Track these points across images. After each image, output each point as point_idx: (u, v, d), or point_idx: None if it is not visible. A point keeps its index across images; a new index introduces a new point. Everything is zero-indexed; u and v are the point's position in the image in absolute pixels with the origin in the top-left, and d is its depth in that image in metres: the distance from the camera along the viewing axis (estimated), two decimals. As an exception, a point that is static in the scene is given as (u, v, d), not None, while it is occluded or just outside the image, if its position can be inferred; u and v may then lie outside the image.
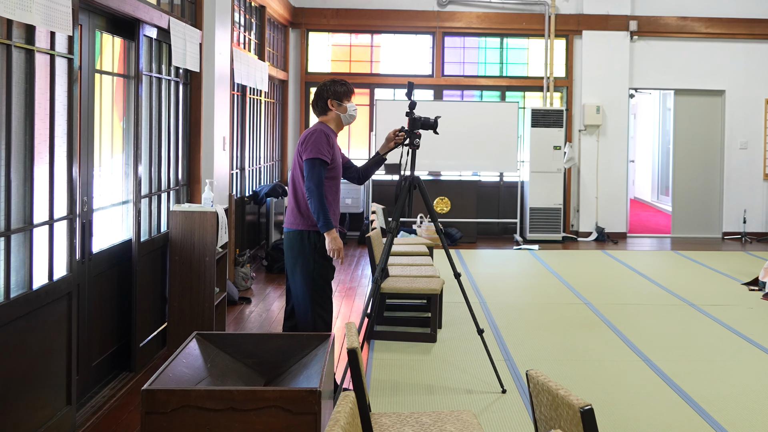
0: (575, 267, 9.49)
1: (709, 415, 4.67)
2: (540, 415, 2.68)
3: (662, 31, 11.78)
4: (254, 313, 7.04)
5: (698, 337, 6.43)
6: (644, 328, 6.66)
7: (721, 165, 12.00)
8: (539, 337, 6.34)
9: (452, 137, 10.89)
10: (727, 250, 10.91)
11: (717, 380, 5.36)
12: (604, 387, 5.17)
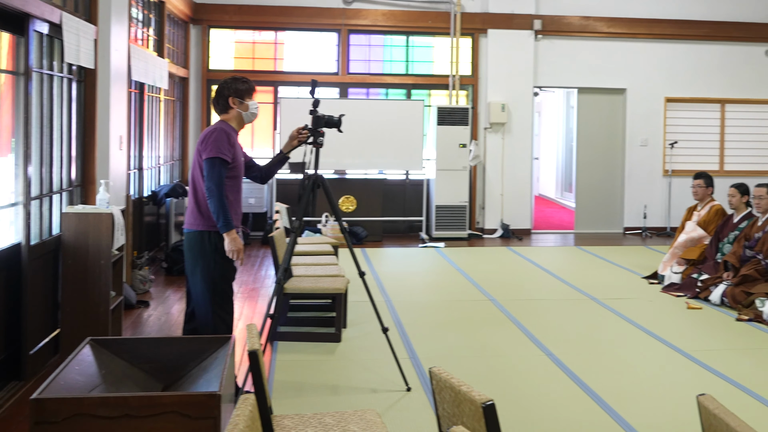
0: (481, 264, 9.67)
1: (610, 407, 4.84)
2: (443, 412, 2.73)
3: (566, 30, 12.10)
4: (153, 317, 6.92)
5: (600, 331, 6.65)
6: (548, 323, 6.85)
7: (622, 162, 12.41)
8: (444, 335, 6.44)
9: (358, 135, 10.93)
10: (628, 245, 11.32)
11: (618, 372, 5.55)
12: (508, 382, 5.29)
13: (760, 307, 6.97)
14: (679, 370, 5.63)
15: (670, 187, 12.27)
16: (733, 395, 5.09)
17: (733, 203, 8.28)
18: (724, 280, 7.66)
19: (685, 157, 12.42)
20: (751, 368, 5.67)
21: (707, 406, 2.52)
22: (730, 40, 12.46)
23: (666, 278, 8.31)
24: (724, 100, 12.58)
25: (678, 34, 12.30)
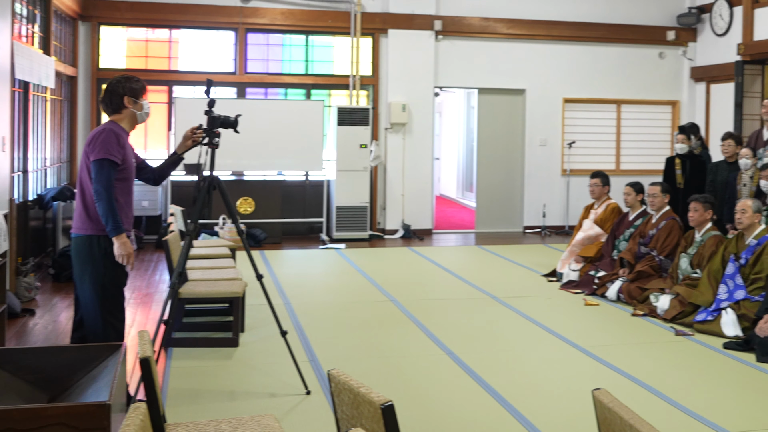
0: (382, 265, 9.75)
1: (509, 403, 4.95)
2: (342, 415, 2.74)
3: (466, 31, 12.31)
4: (39, 326, 6.70)
5: (500, 329, 6.80)
6: (449, 322, 6.95)
7: (521, 161, 12.71)
8: (345, 336, 6.46)
9: (256, 136, 10.85)
10: (528, 244, 11.60)
11: (517, 369, 5.69)
12: (409, 382, 5.35)
13: (655, 302, 7.25)
14: (576, 366, 5.81)
15: (568, 186, 12.64)
16: (628, 388, 5.28)
17: (628, 201, 8.59)
18: (620, 276, 7.94)
19: (582, 157, 12.81)
20: (645, 362, 5.89)
21: (602, 400, 2.61)
22: (626, 42, 12.92)
23: (564, 276, 8.55)
24: (620, 100, 13.04)
25: (576, 36, 12.68)
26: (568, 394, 5.17)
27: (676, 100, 13.14)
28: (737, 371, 5.73)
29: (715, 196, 8.49)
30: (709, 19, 12.62)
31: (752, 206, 6.94)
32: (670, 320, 6.97)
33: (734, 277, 6.76)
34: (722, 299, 6.70)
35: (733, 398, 5.17)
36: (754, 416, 4.84)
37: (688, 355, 6.10)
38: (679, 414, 4.85)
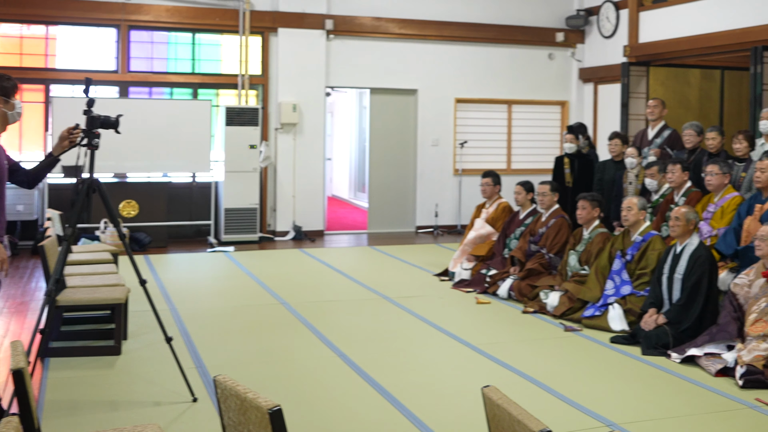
0: (272, 267, 9.68)
1: (401, 403, 4.99)
2: (228, 421, 2.70)
3: (358, 30, 12.35)
4: None
5: (392, 329, 6.85)
6: (340, 324, 6.96)
7: (414, 161, 12.85)
8: (234, 341, 6.38)
9: (140, 137, 10.60)
10: (420, 243, 11.74)
11: (409, 369, 5.74)
12: (299, 386, 5.33)
13: (544, 299, 7.45)
14: (468, 364, 5.91)
15: (460, 186, 12.85)
16: (519, 385, 5.40)
17: (519, 200, 8.80)
18: (510, 274, 8.13)
19: (474, 157, 13.05)
20: (536, 358, 6.05)
21: (491, 397, 2.66)
22: (516, 43, 13.23)
23: (456, 275, 8.68)
24: (511, 101, 13.35)
25: (467, 37, 12.90)
26: (460, 392, 5.25)
27: (565, 100, 13.55)
28: (624, 364, 5.95)
29: (603, 194, 8.79)
30: (596, 22, 13.06)
31: (637, 204, 7.21)
32: (559, 316, 7.18)
33: (620, 272, 7.01)
34: (609, 295, 6.95)
35: (620, 391, 5.36)
36: (640, 407, 5.03)
37: (576, 350, 6.29)
38: (568, 408, 4.99)
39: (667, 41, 11.18)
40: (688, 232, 6.52)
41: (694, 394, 5.29)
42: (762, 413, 4.96)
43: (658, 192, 8.11)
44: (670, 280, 6.46)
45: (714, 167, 7.40)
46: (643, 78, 11.62)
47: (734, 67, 11.58)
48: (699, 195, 7.66)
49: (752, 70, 9.37)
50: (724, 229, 7.10)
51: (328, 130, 14.11)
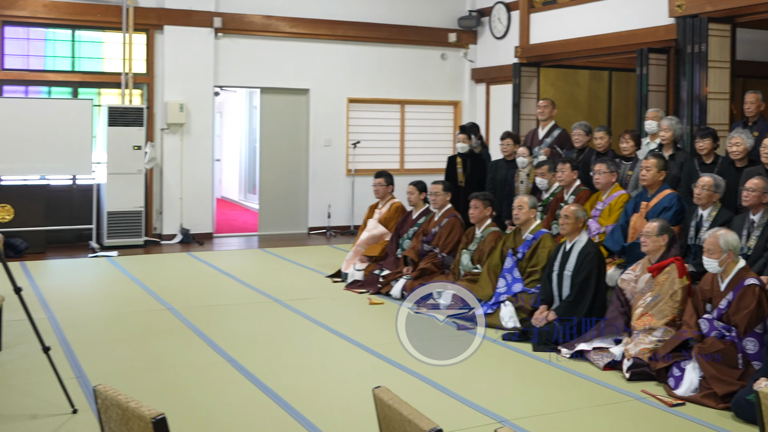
0: (158, 272, 9.49)
1: (293, 407, 4.96)
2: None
3: (248, 29, 12.23)
4: None
5: (284, 333, 6.81)
6: (231, 328, 6.87)
7: (306, 162, 12.80)
8: (117, 350, 6.22)
9: (15, 138, 10.20)
10: (313, 245, 11.71)
11: (300, 372, 5.72)
12: (187, 393, 5.24)
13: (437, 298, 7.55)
14: (361, 365, 5.93)
15: (353, 186, 12.89)
16: (412, 385, 5.45)
17: (411, 200, 8.89)
18: (404, 274, 8.20)
19: (367, 157, 13.10)
20: (428, 358, 6.12)
21: (382, 397, 2.68)
22: (409, 43, 13.35)
23: (349, 276, 8.70)
24: (404, 101, 13.47)
25: (359, 36, 12.95)
26: (351, 393, 5.26)
27: (458, 100, 13.76)
28: (515, 361, 6.08)
29: (495, 193, 8.98)
30: (488, 23, 13.31)
31: (528, 202, 7.39)
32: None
33: (512, 270, 7.17)
34: (501, 292, 7.09)
35: (512, 387, 5.49)
36: (530, 403, 5.15)
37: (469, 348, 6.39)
38: (460, 406, 5.07)
39: (557, 43, 11.49)
40: (577, 230, 6.71)
41: (583, 387, 5.46)
42: (648, 404, 5.15)
43: (549, 191, 8.32)
44: (560, 277, 6.65)
45: (602, 166, 7.65)
46: (533, 78, 11.91)
47: (621, 68, 12.00)
48: (588, 193, 7.90)
49: (638, 71, 9.71)
50: (611, 226, 7.35)
51: (216, 130, 13.93)
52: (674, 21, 9.50)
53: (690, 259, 6.53)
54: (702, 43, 9.10)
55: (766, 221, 6.21)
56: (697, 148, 7.44)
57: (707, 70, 9.05)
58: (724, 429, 4.73)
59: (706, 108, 9.01)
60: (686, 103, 9.16)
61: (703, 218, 6.65)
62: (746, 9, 8.79)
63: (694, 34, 9.18)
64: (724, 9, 8.92)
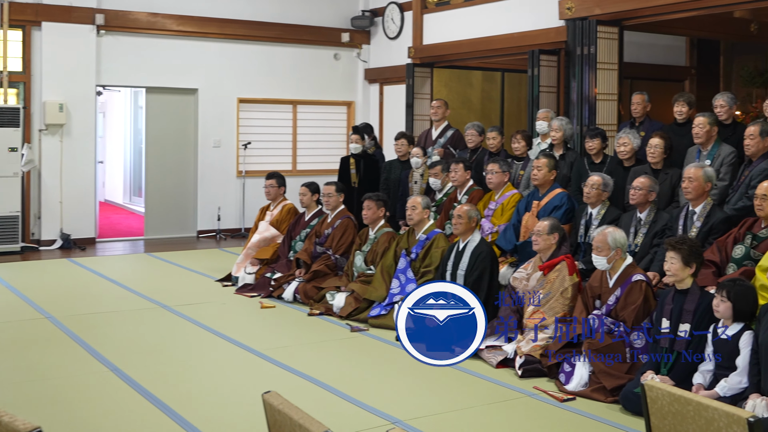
0: (36, 279, 9.19)
1: (181, 416, 4.88)
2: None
3: (132, 26, 11.95)
4: None
5: (172, 340, 6.68)
6: (115, 337, 6.71)
7: (195, 164, 12.61)
8: (-9, 360, 6.01)
9: None
10: (202, 249, 11.54)
11: (189, 380, 5.63)
12: (67, 405, 5.09)
13: (331, 300, 7.55)
14: (251, 370, 5.88)
15: (244, 188, 12.76)
16: (305, 388, 5.44)
17: (304, 202, 8.87)
18: (296, 277, 8.16)
19: (258, 158, 13.00)
20: (322, 360, 6.12)
21: (272, 402, 2.67)
22: (302, 42, 13.32)
23: (240, 279, 8.62)
24: (296, 101, 13.42)
25: (250, 35, 12.84)
26: (241, 399, 5.21)
27: (351, 100, 13.80)
28: (409, 361, 6.06)
29: (389, 194, 9.05)
30: (381, 23, 13.40)
31: (422, 203, 7.47)
32: (345, 317, 7.30)
33: (406, 271, 7.24)
34: (395, 293, 7.15)
35: (406, 387, 5.53)
36: (424, 403, 5.21)
37: (363, 350, 6.43)
38: (354, 408, 5.09)
39: (450, 43, 11.66)
40: (470, 230, 6.83)
41: (476, 386, 5.56)
42: (540, 400, 5.29)
43: (442, 191, 8.44)
44: (454, 277, 6.75)
45: (494, 166, 7.82)
46: (427, 79, 12.06)
47: (514, 69, 12.28)
48: (481, 193, 8.06)
49: (530, 72, 9.95)
50: (504, 225, 7.52)
51: (99, 131, 13.61)
52: (564, 23, 9.77)
53: (580, 256, 6.75)
54: (591, 46, 9.38)
55: (652, 219, 6.47)
56: (587, 148, 7.69)
57: (596, 71, 9.34)
58: (613, 422, 4.90)
59: (595, 109, 9.31)
60: (576, 104, 9.44)
61: (592, 216, 6.87)
62: (633, 12, 9.12)
63: (583, 36, 9.46)
64: (612, 12, 9.23)
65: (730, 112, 7.40)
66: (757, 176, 6.19)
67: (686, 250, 5.09)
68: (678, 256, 5.09)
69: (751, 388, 4.54)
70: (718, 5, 8.50)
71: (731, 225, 6.01)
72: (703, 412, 2.97)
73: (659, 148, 6.94)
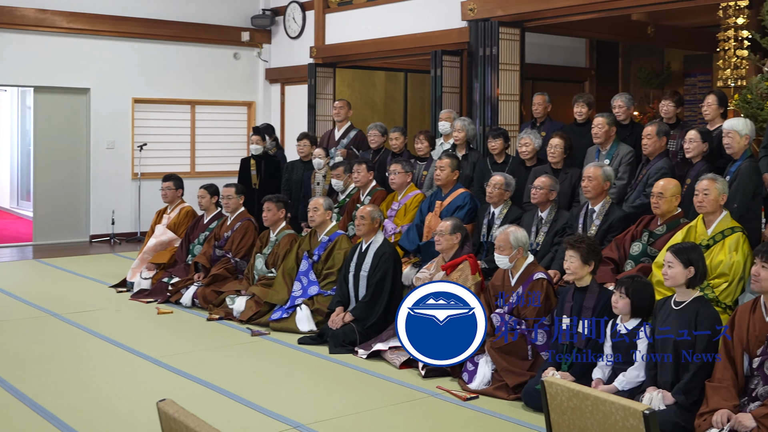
0: None
1: (72, 428, 4.77)
2: None
3: (19, 23, 11.60)
4: None
5: (62, 349, 6.50)
6: (0, 347, 6.50)
7: (87, 166, 12.31)
8: None
9: None
10: (96, 254, 11.27)
11: (81, 391, 5.50)
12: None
13: (231, 304, 7.49)
14: (147, 378, 5.78)
15: (139, 191, 12.52)
16: (204, 395, 5.38)
17: (203, 204, 8.77)
18: (195, 281, 8.06)
19: (155, 159, 12.78)
20: (221, 366, 6.05)
21: (167, 411, 2.64)
22: (200, 41, 13.17)
23: (135, 285, 8.47)
24: (195, 101, 13.26)
25: (146, 34, 12.62)
26: (136, 409, 5.12)
27: (252, 101, 13.72)
28: (312, 365, 6.14)
29: (291, 196, 9.04)
30: (283, 22, 13.36)
31: (324, 204, 7.49)
32: (246, 321, 7.25)
33: (308, 273, 7.23)
34: (297, 296, 7.13)
35: (308, 391, 5.53)
36: (327, 406, 5.22)
37: (264, 355, 6.40)
38: (255, 414, 5.05)
39: (353, 43, 11.71)
40: (373, 230, 6.88)
41: (380, 387, 5.59)
42: (443, 400, 5.36)
43: (345, 192, 8.46)
44: (357, 278, 6.78)
45: (397, 166, 7.90)
46: (329, 79, 12.08)
47: (417, 69, 12.41)
48: (383, 194, 8.12)
49: (433, 73, 10.08)
50: (407, 225, 7.59)
51: (-16, 132, 13.21)
52: (467, 24, 9.94)
53: (482, 255, 6.87)
54: (493, 47, 9.57)
55: (553, 218, 6.64)
56: (490, 148, 7.84)
57: (498, 72, 9.52)
58: (515, 419, 5.00)
59: (497, 109, 9.49)
60: (478, 105, 9.60)
61: (494, 216, 7.01)
62: (534, 14, 9.34)
63: (485, 37, 9.63)
64: (513, 14, 9.44)
65: (628, 112, 7.68)
66: (654, 175, 6.42)
67: (585, 248, 5.23)
68: (577, 255, 5.23)
69: (648, 382, 4.71)
70: (616, 8, 8.78)
71: (629, 223, 6.23)
72: (600, 406, 3.06)
73: (559, 148, 7.13)
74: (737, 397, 4.30)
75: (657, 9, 8.92)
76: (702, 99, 7.42)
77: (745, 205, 5.82)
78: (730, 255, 5.33)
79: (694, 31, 12.55)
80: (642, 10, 10.88)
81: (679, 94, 7.78)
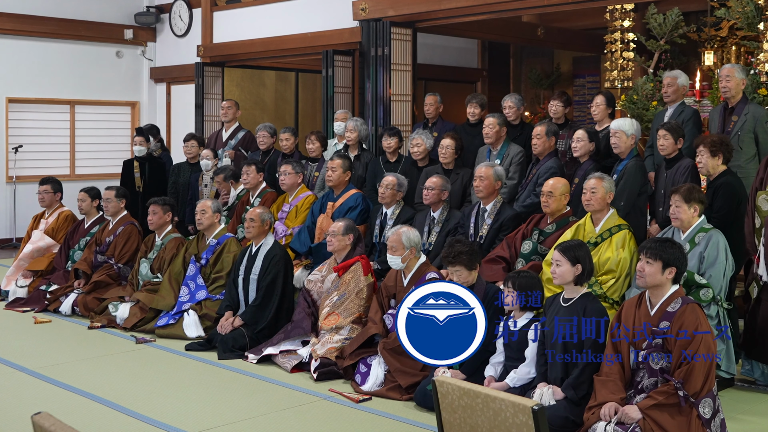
0: None
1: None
2: None
3: None
4: None
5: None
6: None
7: (-41, 169, 11.93)
8: None
9: None
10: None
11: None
12: None
13: (114, 311, 7.34)
14: (23, 391, 5.62)
15: (14, 195, 12.15)
16: (83, 407, 5.27)
17: (83, 208, 8.59)
18: (75, 288, 7.89)
19: (31, 162, 12.42)
20: (104, 375, 5.93)
21: (42, 424, 2.59)
22: (80, 39, 12.87)
23: (10, 293, 8.24)
24: (75, 101, 12.95)
25: (20, 30, 12.27)
26: (11, 423, 4.98)
27: (136, 101, 13.48)
28: (200, 371, 6.09)
29: (177, 198, 8.93)
30: (168, 20, 13.17)
31: (212, 206, 7.42)
32: (130, 329, 7.12)
33: (195, 278, 7.16)
34: (184, 301, 7.06)
35: (196, 398, 5.48)
36: (216, 413, 5.18)
37: (149, 363, 6.31)
38: (140, 424, 4.98)
39: (242, 42, 11.65)
40: (263, 233, 6.86)
41: (270, 392, 5.59)
42: (335, 402, 5.40)
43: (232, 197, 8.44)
44: (246, 282, 6.76)
45: (287, 167, 7.90)
46: (218, 79, 11.99)
47: (308, 69, 12.44)
48: (274, 195, 8.11)
49: (324, 72, 10.13)
50: (298, 227, 7.60)
51: None
52: (359, 24, 10.02)
53: (375, 256, 6.94)
54: (385, 47, 9.67)
55: (445, 218, 6.77)
56: (384, 146, 7.93)
57: (390, 72, 9.63)
58: (407, 419, 5.07)
59: (389, 109, 9.60)
60: (371, 105, 9.70)
61: (387, 216, 7.09)
62: (426, 15, 9.49)
63: (377, 37, 9.73)
64: (405, 14, 9.56)
65: (518, 113, 7.88)
66: (543, 174, 6.61)
67: (466, 258, 5.34)
68: (462, 267, 5.35)
69: (539, 378, 4.85)
70: (506, 9, 9.00)
71: (520, 222, 6.40)
72: (491, 403, 3.14)
73: (450, 148, 7.26)
74: (624, 389, 4.46)
75: (546, 11, 9.19)
76: (591, 99, 7.70)
77: (632, 203, 6.09)
78: (617, 252, 5.54)
79: (582, 34, 12.98)
80: (532, 12, 11.18)
81: (567, 95, 8.03)
